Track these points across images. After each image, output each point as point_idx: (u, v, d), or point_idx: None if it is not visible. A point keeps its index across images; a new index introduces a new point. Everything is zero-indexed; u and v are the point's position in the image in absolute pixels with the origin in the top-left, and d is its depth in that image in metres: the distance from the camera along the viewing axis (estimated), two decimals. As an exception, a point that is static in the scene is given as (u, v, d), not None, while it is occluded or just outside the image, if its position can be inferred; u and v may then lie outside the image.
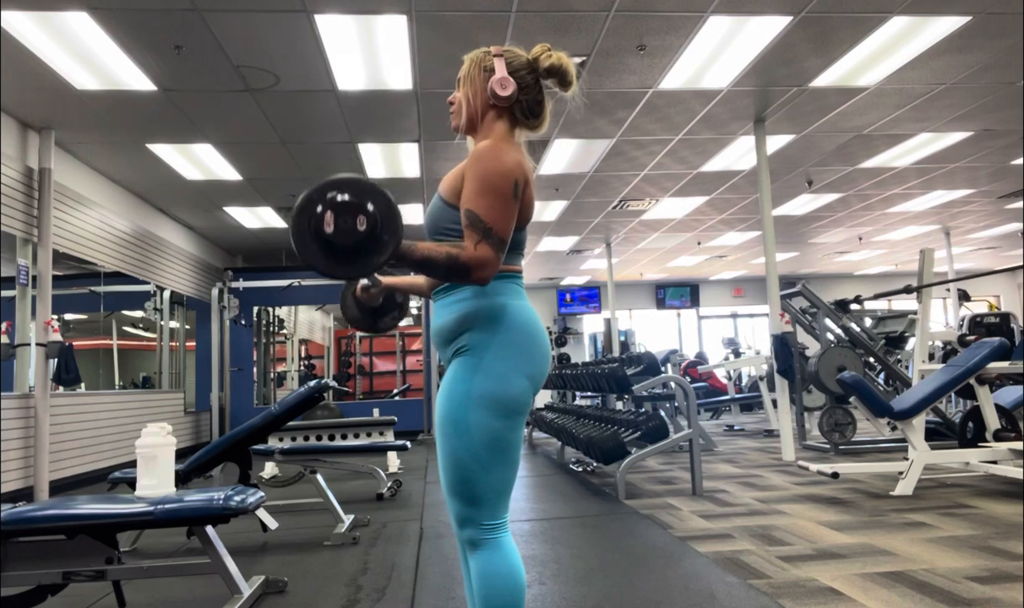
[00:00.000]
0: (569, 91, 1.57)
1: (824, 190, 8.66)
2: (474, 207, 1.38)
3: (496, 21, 4.31)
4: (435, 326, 1.53)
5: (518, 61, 1.54)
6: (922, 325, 5.13)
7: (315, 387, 3.67)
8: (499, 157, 1.42)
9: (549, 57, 1.54)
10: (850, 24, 4.58)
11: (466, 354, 1.44)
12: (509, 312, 1.46)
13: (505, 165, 1.41)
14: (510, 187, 1.40)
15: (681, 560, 3.03)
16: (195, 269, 9.39)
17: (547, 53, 1.55)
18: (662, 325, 16.81)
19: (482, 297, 1.45)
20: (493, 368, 1.42)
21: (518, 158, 1.46)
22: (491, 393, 1.41)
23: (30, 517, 2.28)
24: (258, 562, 3.31)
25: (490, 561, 1.40)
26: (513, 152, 1.46)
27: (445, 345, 1.50)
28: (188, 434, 8.77)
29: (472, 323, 1.44)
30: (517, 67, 1.53)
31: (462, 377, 1.43)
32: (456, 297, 1.47)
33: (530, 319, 1.48)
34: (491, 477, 1.41)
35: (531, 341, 1.47)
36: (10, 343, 5.50)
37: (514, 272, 1.51)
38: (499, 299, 1.46)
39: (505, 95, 1.49)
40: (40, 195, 5.61)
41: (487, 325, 1.44)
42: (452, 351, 1.48)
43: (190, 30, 4.29)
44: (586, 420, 5.80)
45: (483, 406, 1.40)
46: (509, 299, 1.47)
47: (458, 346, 1.46)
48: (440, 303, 1.51)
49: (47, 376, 5.48)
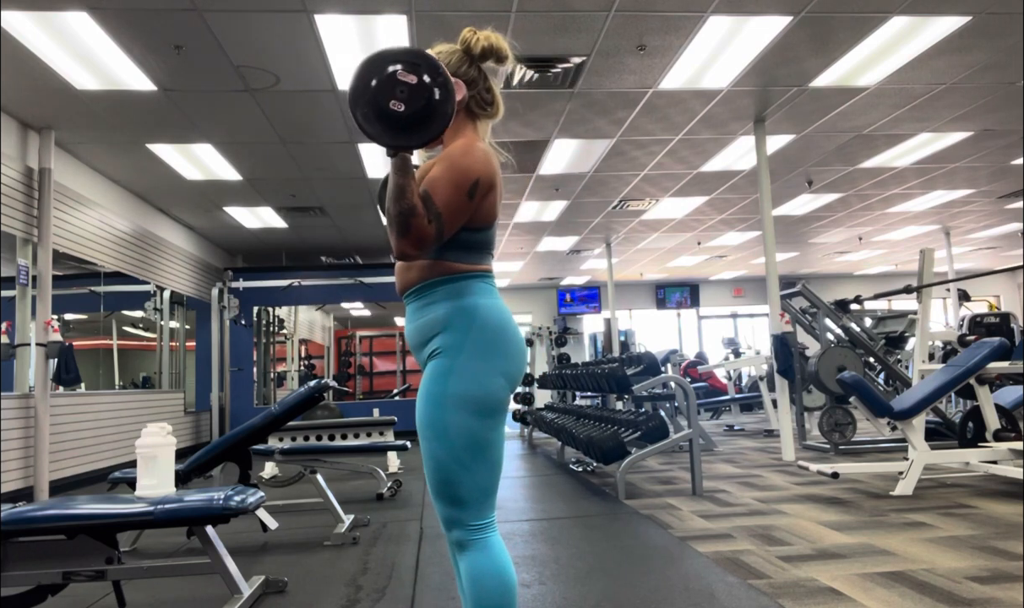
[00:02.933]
0: (507, 63, 1.58)
1: (824, 190, 8.66)
2: (432, 190, 1.40)
3: (496, 21, 4.31)
4: (409, 330, 1.53)
5: (455, 58, 1.55)
6: (922, 325, 5.13)
7: (315, 387, 3.67)
8: (467, 153, 1.44)
9: (479, 40, 1.54)
10: (850, 24, 4.58)
11: (440, 356, 1.44)
12: (481, 312, 1.46)
13: (469, 163, 1.43)
14: (468, 184, 1.42)
15: (681, 560, 3.03)
16: (195, 269, 9.39)
17: (475, 37, 1.55)
18: (662, 325, 16.81)
19: (454, 298, 1.46)
20: (468, 368, 1.42)
21: (486, 159, 1.46)
22: (467, 394, 1.41)
23: (30, 517, 2.28)
24: (258, 562, 3.31)
25: (478, 561, 1.40)
26: (482, 152, 1.47)
27: (420, 348, 1.50)
28: (188, 434, 8.77)
29: (444, 325, 1.45)
30: (457, 65, 1.54)
31: (437, 379, 1.43)
32: (428, 299, 1.48)
33: (503, 317, 1.48)
34: (474, 478, 1.41)
35: (505, 339, 1.46)
36: (10, 343, 5.50)
37: (484, 271, 1.51)
38: (471, 299, 1.46)
39: (458, 99, 1.49)
40: (40, 195, 5.61)
41: (460, 326, 1.44)
42: (427, 354, 1.48)
43: (190, 30, 4.28)
44: (586, 420, 5.80)
45: (460, 407, 1.40)
46: (480, 299, 1.47)
47: (432, 349, 1.46)
48: (413, 306, 1.51)
49: (47, 376, 5.48)
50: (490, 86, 1.58)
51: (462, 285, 1.46)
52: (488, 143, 1.55)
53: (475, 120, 1.56)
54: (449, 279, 1.47)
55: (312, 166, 7.00)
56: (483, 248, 1.51)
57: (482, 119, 1.58)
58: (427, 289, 1.48)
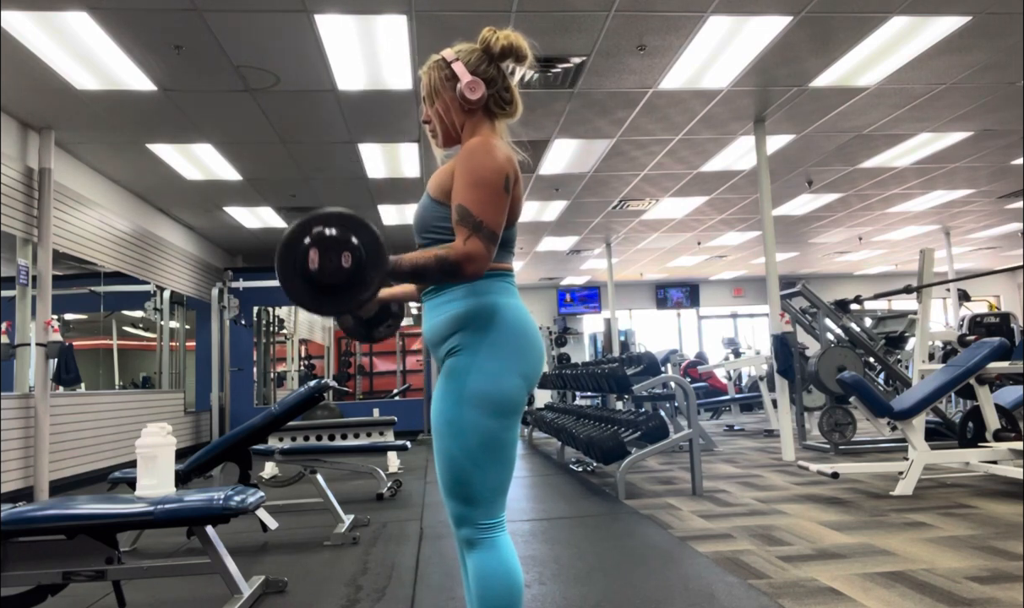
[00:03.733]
0: (526, 64, 1.56)
1: (824, 190, 8.66)
2: (464, 201, 1.37)
3: (496, 21, 4.29)
4: (427, 328, 1.52)
5: (475, 57, 1.53)
6: (922, 325, 5.13)
7: (315, 387, 3.67)
8: (490, 152, 1.42)
9: (498, 40, 1.52)
10: (850, 24, 4.58)
11: (459, 354, 1.43)
12: (501, 311, 1.45)
13: (496, 160, 1.41)
14: (501, 181, 1.40)
15: (681, 560, 3.03)
16: (195, 269, 9.39)
17: (495, 36, 1.53)
18: (662, 325, 16.81)
19: (473, 297, 1.44)
20: (486, 368, 1.41)
21: (508, 153, 1.45)
22: (485, 393, 1.40)
23: (30, 517, 2.28)
24: (258, 562, 3.31)
25: (487, 560, 1.40)
26: (503, 147, 1.46)
27: (437, 346, 1.49)
28: (188, 434, 8.77)
29: (464, 323, 1.44)
30: (476, 63, 1.52)
31: (455, 377, 1.42)
32: (447, 298, 1.47)
33: (522, 317, 1.48)
34: (487, 477, 1.41)
35: (524, 339, 1.46)
36: (10, 343, 5.50)
37: (505, 270, 1.50)
38: (490, 298, 1.45)
39: (476, 98, 1.48)
40: (40, 195, 5.61)
41: (479, 325, 1.43)
42: (445, 352, 1.47)
43: (190, 30, 4.28)
44: (586, 420, 5.80)
45: (477, 406, 1.40)
46: (500, 298, 1.46)
47: (450, 347, 1.45)
48: (430, 304, 1.50)
49: (47, 376, 5.48)
50: (509, 85, 1.56)
51: (483, 283, 1.45)
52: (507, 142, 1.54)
53: (493, 119, 1.55)
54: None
55: (312, 166, 7.00)
56: (505, 246, 1.49)
57: (500, 118, 1.56)
58: (446, 287, 1.47)
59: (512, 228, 1.51)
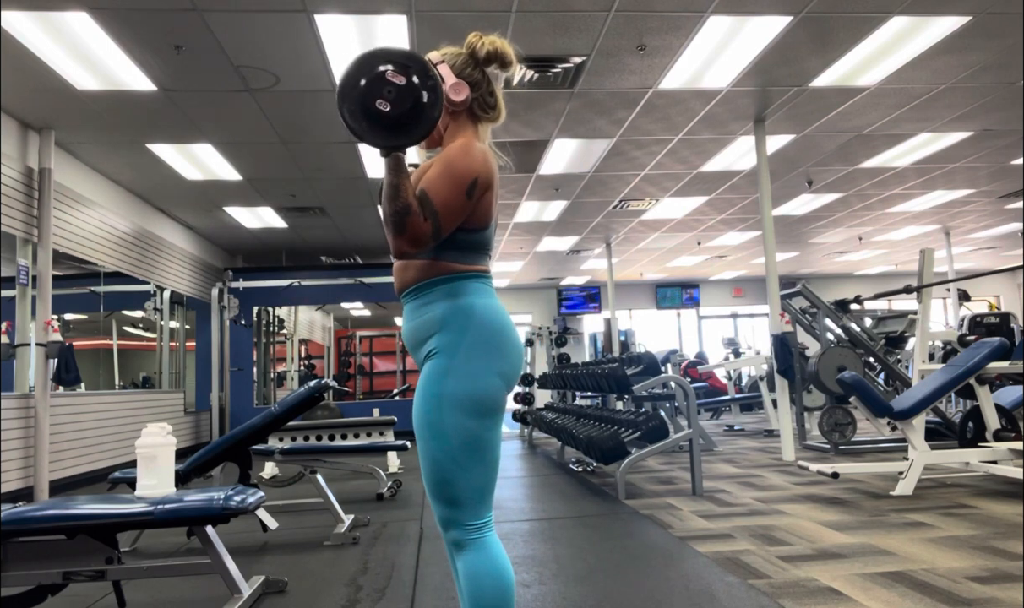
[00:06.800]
0: (511, 70, 1.58)
1: (824, 190, 8.66)
2: (428, 189, 1.40)
3: (496, 21, 4.31)
4: (406, 330, 1.54)
5: (460, 60, 1.55)
6: (922, 325, 5.13)
7: (315, 387, 3.67)
8: (467, 153, 1.44)
9: (484, 45, 1.55)
10: (850, 24, 4.58)
11: (437, 356, 1.45)
12: (478, 312, 1.46)
13: (468, 162, 1.43)
14: (466, 183, 1.42)
15: (681, 560, 3.03)
16: (195, 269, 9.39)
17: (481, 41, 1.55)
18: (662, 325, 16.81)
19: (450, 298, 1.46)
20: (464, 368, 1.42)
21: (485, 158, 1.47)
22: (464, 393, 1.41)
23: (30, 517, 2.28)
24: (258, 562, 3.31)
25: (476, 561, 1.40)
26: (482, 151, 1.47)
27: (417, 348, 1.51)
28: (188, 434, 8.77)
29: (441, 325, 1.45)
30: (462, 67, 1.54)
31: (434, 379, 1.43)
32: (425, 299, 1.48)
33: (499, 317, 1.49)
34: (470, 478, 1.41)
35: (502, 339, 1.47)
36: (10, 343, 5.50)
37: (481, 272, 1.52)
38: (467, 299, 1.46)
39: (460, 100, 1.51)
40: (40, 195, 5.61)
41: (456, 326, 1.44)
42: (424, 355, 1.48)
43: (190, 30, 4.29)
44: (586, 420, 5.80)
45: (457, 407, 1.41)
46: (477, 299, 1.47)
47: (429, 349, 1.47)
48: (410, 306, 1.52)
49: (47, 376, 5.48)
50: (493, 90, 1.59)
51: (459, 285, 1.47)
52: (488, 145, 1.56)
53: (476, 122, 1.57)
54: (446, 279, 1.47)
55: (312, 166, 7.00)
56: (480, 249, 1.51)
57: (483, 122, 1.59)
58: (424, 289, 1.49)
59: (488, 230, 1.52)
